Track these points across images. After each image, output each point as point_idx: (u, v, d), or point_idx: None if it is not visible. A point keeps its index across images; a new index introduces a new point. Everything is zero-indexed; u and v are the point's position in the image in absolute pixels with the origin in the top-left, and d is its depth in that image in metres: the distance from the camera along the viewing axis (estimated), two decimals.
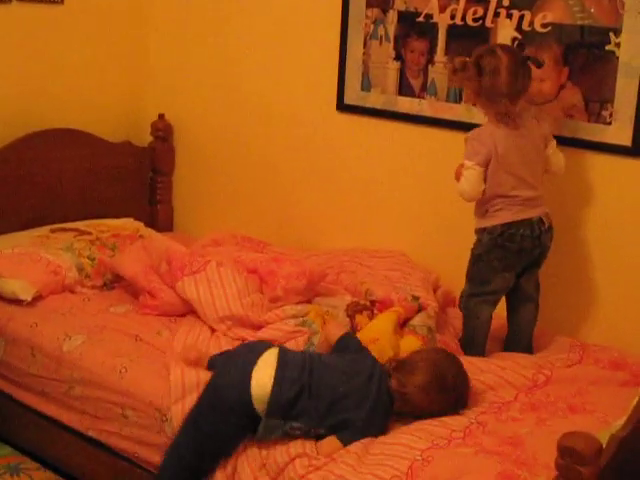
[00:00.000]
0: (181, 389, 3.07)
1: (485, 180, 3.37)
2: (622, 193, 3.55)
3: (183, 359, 3.18)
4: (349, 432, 2.86)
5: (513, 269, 3.45)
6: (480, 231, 3.46)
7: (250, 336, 3.40)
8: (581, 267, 3.69)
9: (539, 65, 3.40)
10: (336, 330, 3.22)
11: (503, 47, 3.38)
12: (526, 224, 3.38)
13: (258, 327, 3.45)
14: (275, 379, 2.90)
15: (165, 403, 3.08)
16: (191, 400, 3.01)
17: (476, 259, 3.48)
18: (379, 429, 2.89)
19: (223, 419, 2.91)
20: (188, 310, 3.64)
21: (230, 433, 2.93)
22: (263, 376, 2.91)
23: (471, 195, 3.40)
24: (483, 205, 3.43)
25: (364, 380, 2.94)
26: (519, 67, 3.30)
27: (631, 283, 3.58)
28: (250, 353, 3.03)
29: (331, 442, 2.86)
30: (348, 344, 3.14)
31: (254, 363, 2.95)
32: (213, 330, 3.49)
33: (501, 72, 3.26)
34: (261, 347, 3.07)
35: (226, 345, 3.35)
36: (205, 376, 3.05)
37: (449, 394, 2.96)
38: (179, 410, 3.03)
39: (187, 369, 3.12)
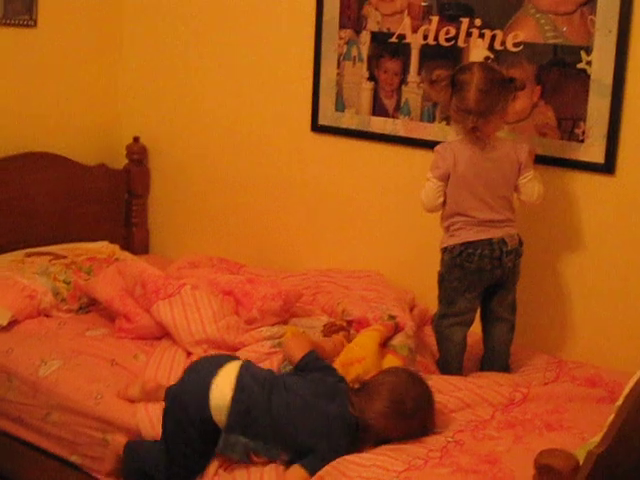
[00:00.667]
0: (150, 427, 3.05)
1: (445, 195, 3.38)
2: (596, 210, 3.57)
3: (141, 391, 3.16)
4: (312, 457, 2.78)
5: (474, 290, 3.42)
6: (442, 250, 3.46)
7: None
8: (556, 284, 3.70)
9: (521, 88, 3.37)
10: (296, 351, 3.11)
11: (482, 65, 3.36)
12: (485, 244, 3.35)
13: (234, 349, 3.43)
14: (235, 390, 2.85)
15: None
16: None
17: (440, 279, 3.48)
18: (343, 451, 2.79)
19: (185, 432, 2.86)
20: (164, 333, 3.62)
21: (194, 447, 2.88)
22: (223, 386, 2.86)
23: (427, 206, 3.43)
24: (445, 223, 3.43)
25: (325, 402, 2.87)
26: (492, 86, 3.25)
27: (606, 300, 3.60)
28: (212, 364, 2.98)
29: (295, 471, 2.77)
30: (308, 363, 3.05)
31: (214, 374, 2.90)
32: (189, 353, 3.48)
33: (470, 88, 3.24)
34: (223, 359, 3.01)
35: None
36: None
37: (410, 419, 2.86)
38: None
39: (151, 405, 3.09)
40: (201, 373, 2.94)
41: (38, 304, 3.84)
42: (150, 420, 3.06)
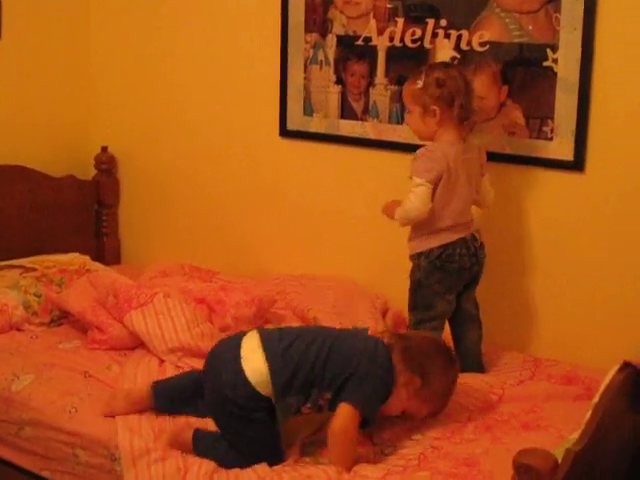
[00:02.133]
0: (131, 456, 2.98)
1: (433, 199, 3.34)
2: (566, 207, 3.58)
3: (127, 402, 3.12)
4: (351, 386, 2.81)
5: (455, 290, 3.44)
6: (416, 256, 3.42)
7: (199, 365, 3.36)
8: (527, 282, 3.71)
9: None
10: None
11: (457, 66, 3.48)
12: (461, 243, 3.38)
13: None
14: (267, 360, 2.85)
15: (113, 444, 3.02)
16: (143, 464, 2.94)
17: (416, 285, 3.44)
18: (380, 380, 2.85)
19: (247, 424, 2.86)
20: (138, 343, 3.60)
21: (264, 436, 2.87)
22: (254, 363, 2.87)
23: (421, 212, 3.31)
24: (420, 229, 3.40)
25: (359, 333, 3.05)
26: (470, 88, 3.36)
27: (578, 296, 3.61)
28: (231, 349, 2.96)
29: (342, 409, 2.80)
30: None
31: (239, 356, 2.89)
32: (162, 361, 3.46)
33: (470, 89, 3.34)
34: (237, 338, 3.00)
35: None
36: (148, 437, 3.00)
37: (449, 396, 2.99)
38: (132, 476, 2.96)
39: (135, 436, 3.02)
40: (228, 363, 2.91)
41: (9, 318, 3.80)
42: (132, 451, 2.98)
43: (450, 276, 3.39)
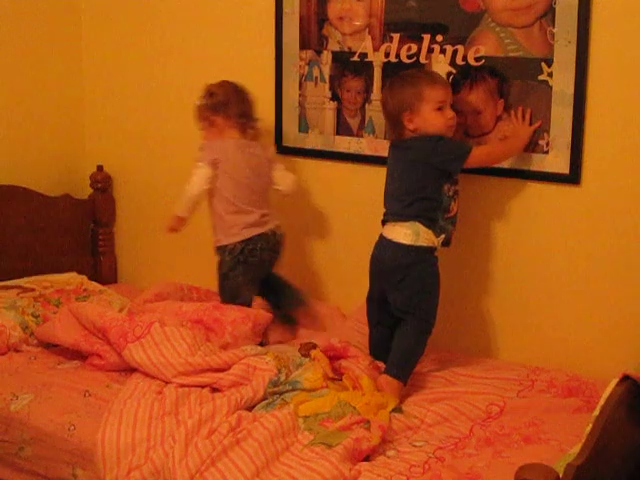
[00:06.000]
0: (116, 454, 3.00)
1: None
2: (562, 221, 3.58)
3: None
4: None
5: (258, 281, 3.94)
6: (221, 250, 3.91)
7: (213, 379, 3.37)
8: (525, 293, 3.71)
9: None
10: None
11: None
12: (262, 238, 3.86)
13: (222, 370, 3.41)
14: None
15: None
16: (126, 464, 2.96)
17: (223, 278, 3.91)
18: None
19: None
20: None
21: None
22: None
23: (200, 188, 3.89)
24: (223, 224, 3.88)
25: None
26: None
27: (575, 308, 3.61)
28: None
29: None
30: None
31: None
32: (167, 382, 3.42)
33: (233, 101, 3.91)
34: None
35: (181, 396, 3.30)
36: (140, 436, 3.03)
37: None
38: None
39: (122, 430, 3.06)
40: None
41: (7, 339, 3.78)
42: (117, 449, 3.01)
43: (253, 269, 3.87)
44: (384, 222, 3.54)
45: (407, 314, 3.45)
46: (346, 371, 3.40)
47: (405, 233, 3.42)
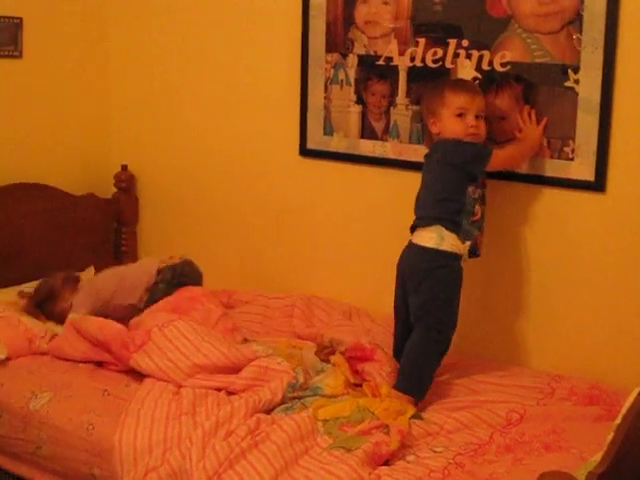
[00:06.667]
0: (133, 455, 3.00)
1: None
2: (587, 228, 3.56)
3: None
4: None
5: None
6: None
7: (225, 384, 3.36)
8: (549, 301, 3.69)
9: None
10: None
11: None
12: None
13: (235, 370, 3.40)
14: None
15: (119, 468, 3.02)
16: (143, 465, 2.96)
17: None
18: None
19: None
20: None
21: None
22: None
23: None
24: None
25: None
26: None
27: (599, 317, 3.58)
28: None
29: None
30: None
31: None
32: (178, 388, 3.40)
33: None
34: None
35: (198, 397, 3.29)
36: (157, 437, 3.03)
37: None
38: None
39: (139, 431, 3.06)
40: None
41: (35, 348, 3.77)
42: (134, 450, 3.02)
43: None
44: (413, 229, 3.52)
45: (419, 321, 3.40)
46: (367, 377, 3.39)
47: (429, 237, 3.39)
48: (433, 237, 3.39)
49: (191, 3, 4.55)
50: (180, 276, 4.06)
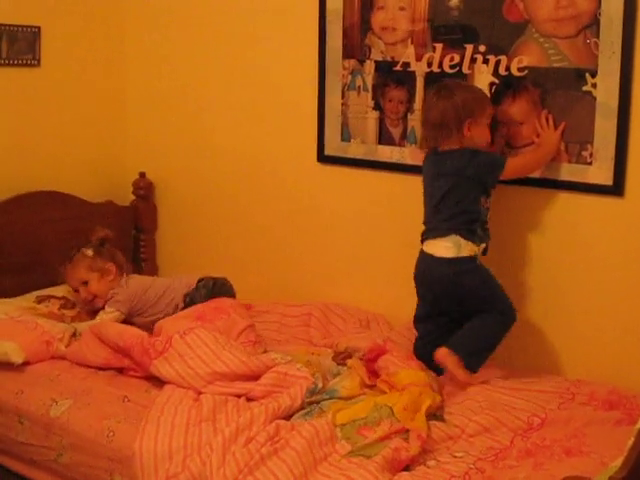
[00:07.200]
0: (153, 462, 3.00)
1: None
2: (605, 232, 3.56)
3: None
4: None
5: None
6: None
7: (244, 390, 3.36)
8: (567, 304, 3.69)
9: None
10: None
11: None
12: None
13: (254, 377, 3.41)
14: None
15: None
16: (164, 472, 2.96)
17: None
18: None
19: None
20: None
21: None
22: None
23: None
24: None
25: None
26: None
27: (619, 321, 3.58)
28: None
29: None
30: None
31: None
32: (198, 395, 3.39)
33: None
34: None
35: (218, 403, 3.29)
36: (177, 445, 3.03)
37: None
38: None
39: (159, 438, 3.06)
40: None
41: (54, 351, 3.77)
42: (155, 456, 3.02)
43: None
44: (424, 238, 3.54)
45: (487, 309, 3.51)
46: (380, 372, 3.40)
47: (446, 247, 3.45)
48: (450, 247, 3.45)
49: (208, 11, 4.56)
50: (221, 285, 4.12)
